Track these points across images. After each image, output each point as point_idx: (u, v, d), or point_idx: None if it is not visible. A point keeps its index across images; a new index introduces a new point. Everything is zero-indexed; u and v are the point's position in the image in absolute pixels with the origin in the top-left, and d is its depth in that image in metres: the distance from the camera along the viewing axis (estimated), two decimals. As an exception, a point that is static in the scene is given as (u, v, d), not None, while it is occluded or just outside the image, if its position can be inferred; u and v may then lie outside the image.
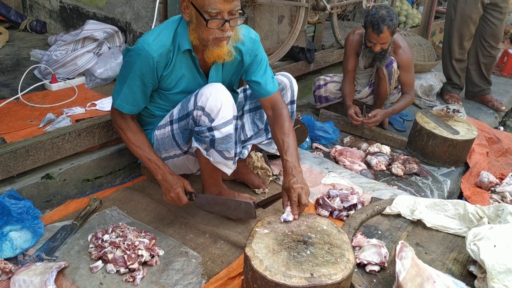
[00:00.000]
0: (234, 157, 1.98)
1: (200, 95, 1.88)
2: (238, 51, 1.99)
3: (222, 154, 1.93)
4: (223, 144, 1.90)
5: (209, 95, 1.85)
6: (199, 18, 1.75)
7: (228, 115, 1.87)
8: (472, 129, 3.12)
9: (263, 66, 2.09)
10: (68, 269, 1.81)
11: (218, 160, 1.96)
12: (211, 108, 1.85)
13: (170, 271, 1.86)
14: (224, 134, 1.87)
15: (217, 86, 1.89)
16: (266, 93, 2.08)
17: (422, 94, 4.16)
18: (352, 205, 2.36)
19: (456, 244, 2.11)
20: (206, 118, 1.86)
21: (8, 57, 3.12)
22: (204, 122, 1.87)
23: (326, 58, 3.97)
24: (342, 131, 3.36)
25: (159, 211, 2.21)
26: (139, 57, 1.85)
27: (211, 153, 1.94)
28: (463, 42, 4.11)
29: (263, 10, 3.21)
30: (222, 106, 1.85)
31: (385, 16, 2.87)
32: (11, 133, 2.16)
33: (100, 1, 3.19)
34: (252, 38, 2.03)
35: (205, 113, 1.86)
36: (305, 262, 1.59)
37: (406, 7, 5.90)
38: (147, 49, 1.83)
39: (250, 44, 2.02)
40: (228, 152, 1.93)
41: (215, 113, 1.85)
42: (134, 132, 2.02)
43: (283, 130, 2.00)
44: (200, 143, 1.93)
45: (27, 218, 1.95)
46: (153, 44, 1.84)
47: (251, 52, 2.03)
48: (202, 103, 1.86)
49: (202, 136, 1.89)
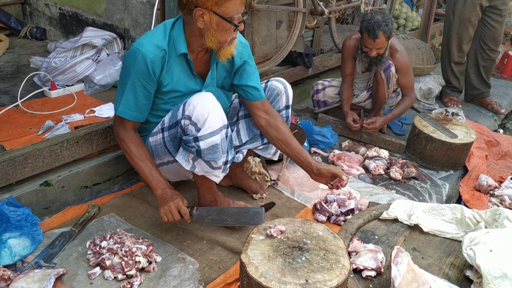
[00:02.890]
0: (223, 165, 1.97)
1: (188, 104, 1.88)
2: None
3: (209, 164, 1.93)
4: (210, 155, 1.89)
5: (196, 104, 1.85)
6: (223, 24, 1.82)
7: (215, 125, 1.86)
8: (470, 133, 3.12)
9: (256, 72, 2.16)
10: (67, 276, 1.83)
11: (205, 169, 1.95)
12: (198, 118, 1.84)
13: (167, 277, 1.87)
14: (210, 145, 1.86)
15: (205, 95, 1.90)
16: (261, 97, 2.15)
17: (421, 98, 4.16)
18: (349, 210, 2.37)
19: (453, 248, 2.12)
20: (193, 127, 1.86)
21: (8, 64, 3.14)
22: (191, 132, 1.87)
23: (324, 63, 3.98)
24: (340, 136, 3.37)
25: (157, 217, 2.22)
26: (135, 60, 1.86)
27: (199, 162, 1.93)
28: (462, 45, 4.12)
29: (261, 15, 3.23)
30: (209, 116, 1.84)
31: (380, 22, 2.88)
32: (10, 141, 2.18)
33: (99, 8, 3.22)
34: (242, 42, 2.08)
35: (192, 123, 1.86)
36: (300, 268, 1.59)
37: (406, 10, 5.92)
38: (142, 51, 1.85)
39: (240, 47, 2.06)
40: (215, 162, 1.92)
41: (201, 122, 1.84)
42: (137, 145, 1.98)
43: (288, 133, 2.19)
44: (187, 152, 1.94)
45: (26, 225, 1.96)
46: (147, 45, 1.87)
47: (241, 55, 2.07)
48: (189, 112, 1.86)
49: (189, 146, 1.89)
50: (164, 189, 1.95)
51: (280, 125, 2.17)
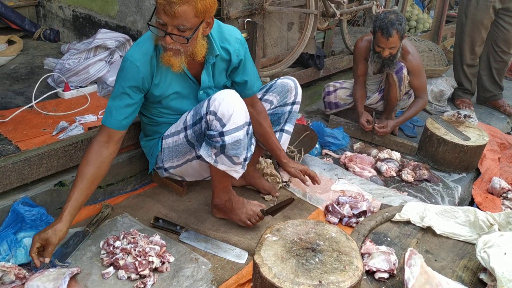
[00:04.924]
0: (243, 162, 2.01)
1: (213, 100, 1.92)
2: (226, 51, 2.05)
3: (231, 159, 1.96)
4: (233, 150, 1.92)
5: (221, 101, 1.89)
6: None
7: (239, 121, 1.90)
8: (483, 135, 3.10)
9: (252, 67, 2.20)
10: (81, 275, 1.85)
11: (227, 165, 1.99)
12: (223, 113, 1.88)
13: (180, 278, 1.88)
14: (234, 140, 1.90)
15: (230, 92, 1.94)
16: (253, 92, 2.24)
17: (433, 100, 4.14)
18: (361, 212, 2.36)
19: (467, 251, 2.10)
20: (218, 123, 1.90)
21: (22, 65, 3.18)
22: (216, 127, 1.91)
23: (336, 64, 3.98)
24: (352, 137, 3.37)
25: (170, 217, 2.23)
26: (124, 69, 1.93)
27: (220, 158, 1.96)
28: (474, 48, 4.09)
29: (272, 17, 3.24)
30: (234, 112, 1.89)
31: (394, 21, 2.88)
32: (25, 141, 2.21)
33: (112, 10, 3.25)
34: (238, 38, 2.09)
35: (217, 118, 1.90)
36: (313, 269, 1.59)
37: (417, 12, 5.88)
38: (130, 60, 1.91)
39: (236, 44, 2.07)
40: (237, 157, 1.96)
41: (226, 118, 1.89)
42: (89, 162, 1.87)
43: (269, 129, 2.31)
44: (210, 147, 1.96)
45: (40, 225, 1.98)
46: (135, 54, 1.92)
47: (238, 52, 2.08)
48: (215, 108, 1.90)
49: (213, 141, 1.92)
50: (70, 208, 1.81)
51: (261, 120, 2.28)
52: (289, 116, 2.44)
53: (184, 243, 2.09)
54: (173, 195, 2.43)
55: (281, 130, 2.46)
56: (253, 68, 2.22)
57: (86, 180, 1.86)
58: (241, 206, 2.18)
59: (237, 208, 2.18)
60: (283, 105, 2.41)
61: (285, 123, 2.45)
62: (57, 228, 1.77)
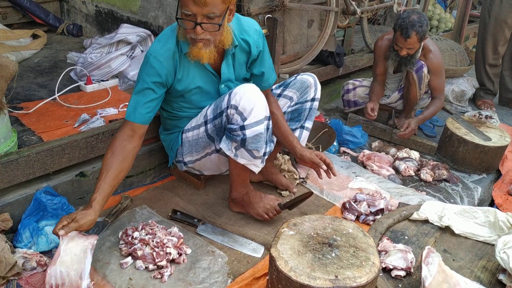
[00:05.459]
0: (263, 156, 2.03)
1: (234, 94, 1.94)
2: (246, 42, 2.07)
3: (251, 153, 1.98)
4: (253, 144, 1.94)
5: (242, 95, 1.91)
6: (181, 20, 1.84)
7: (260, 115, 1.92)
8: (505, 136, 3.05)
9: (268, 58, 2.21)
10: (99, 264, 1.88)
11: (247, 159, 2.00)
12: (244, 108, 1.90)
13: (196, 269, 1.90)
14: (255, 133, 1.91)
15: (250, 87, 1.96)
16: (268, 85, 2.26)
17: (453, 100, 4.08)
18: (379, 210, 2.35)
19: (486, 252, 2.08)
20: (239, 117, 1.91)
21: (46, 59, 3.25)
22: (237, 121, 1.92)
23: (355, 62, 3.96)
24: (370, 136, 3.35)
25: (187, 210, 2.26)
26: (147, 64, 1.95)
27: (240, 152, 1.98)
28: (497, 47, 4.02)
29: (292, 14, 3.24)
30: (255, 106, 1.90)
31: (415, 22, 2.85)
32: (47, 132, 2.26)
33: (134, 6, 3.29)
34: (257, 30, 2.10)
35: (238, 112, 1.91)
36: (330, 264, 1.60)
37: (439, 11, 5.82)
38: (154, 55, 1.94)
39: (255, 36, 2.09)
40: (257, 151, 1.97)
41: (247, 112, 1.90)
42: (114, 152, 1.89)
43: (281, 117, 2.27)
44: (230, 141, 1.98)
45: (61, 214, 2.02)
46: (159, 50, 1.94)
47: (257, 44, 2.10)
48: (236, 102, 1.91)
49: (234, 134, 1.94)
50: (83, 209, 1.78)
51: (274, 110, 2.24)
52: (309, 113, 2.45)
53: (201, 235, 2.11)
54: (191, 189, 2.46)
55: (301, 127, 2.46)
56: (270, 60, 2.23)
57: (111, 171, 1.86)
58: (259, 200, 2.19)
59: (255, 202, 2.19)
60: (304, 101, 2.41)
61: (305, 120, 2.46)
62: (86, 213, 1.76)
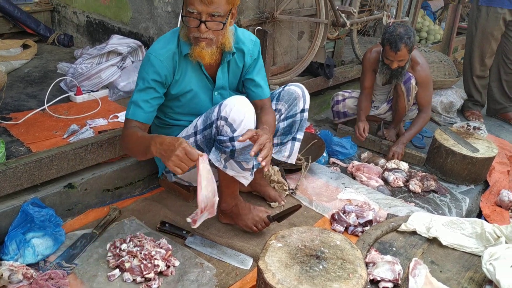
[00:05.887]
0: (252, 169, 2.03)
1: (224, 105, 1.95)
2: (241, 51, 2.10)
3: (241, 165, 1.98)
4: (242, 155, 1.94)
5: (232, 106, 1.92)
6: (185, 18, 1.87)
7: (249, 127, 1.93)
8: (492, 147, 3.09)
9: (262, 70, 2.23)
10: (86, 276, 1.87)
11: (236, 170, 2.01)
12: (234, 119, 1.91)
13: (185, 282, 1.90)
14: (244, 145, 1.92)
15: (240, 98, 1.97)
16: (265, 95, 2.23)
17: (442, 111, 4.12)
18: (367, 221, 2.36)
19: (472, 263, 2.09)
20: (229, 128, 1.92)
21: (36, 69, 3.24)
22: (226, 132, 1.93)
23: (345, 74, 3.99)
24: (359, 147, 3.37)
25: (176, 222, 2.25)
26: (147, 64, 1.97)
27: (230, 163, 1.98)
28: (484, 59, 4.08)
29: (283, 26, 3.27)
30: (245, 118, 1.92)
31: (402, 34, 2.89)
32: (36, 143, 2.25)
33: (125, 17, 3.30)
34: (252, 40, 2.15)
35: (227, 123, 1.92)
36: (317, 276, 1.60)
37: (428, 23, 5.88)
38: (154, 55, 1.97)
39: (251, 45, 2.13)
40: (246, 163, 1.98)
41: (237, 123, 1.91)
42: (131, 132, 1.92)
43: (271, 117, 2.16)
44: (220, 152, 1.98)
45: (49, 226, 2.02)
46: (159, 49, 1.98)
47: (252, 53, 2.14)
48: (226, 114, 1.93)
49: (223, 146, 1.95)
50: (162, 138, 1.76)
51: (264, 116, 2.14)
52: (300, 124, 2.45)
53: (189, 247, 2.10)
54: (180, 200, 2.45)
55: (293, 138, 2.45)
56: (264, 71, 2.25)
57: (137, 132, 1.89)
58: (248, 211, 2.20)
59: (244, 213, 2.19)
60: (294, 114, 2.38)
61: (296, 132, 2.45)
62: (177, 139, 1.72)
